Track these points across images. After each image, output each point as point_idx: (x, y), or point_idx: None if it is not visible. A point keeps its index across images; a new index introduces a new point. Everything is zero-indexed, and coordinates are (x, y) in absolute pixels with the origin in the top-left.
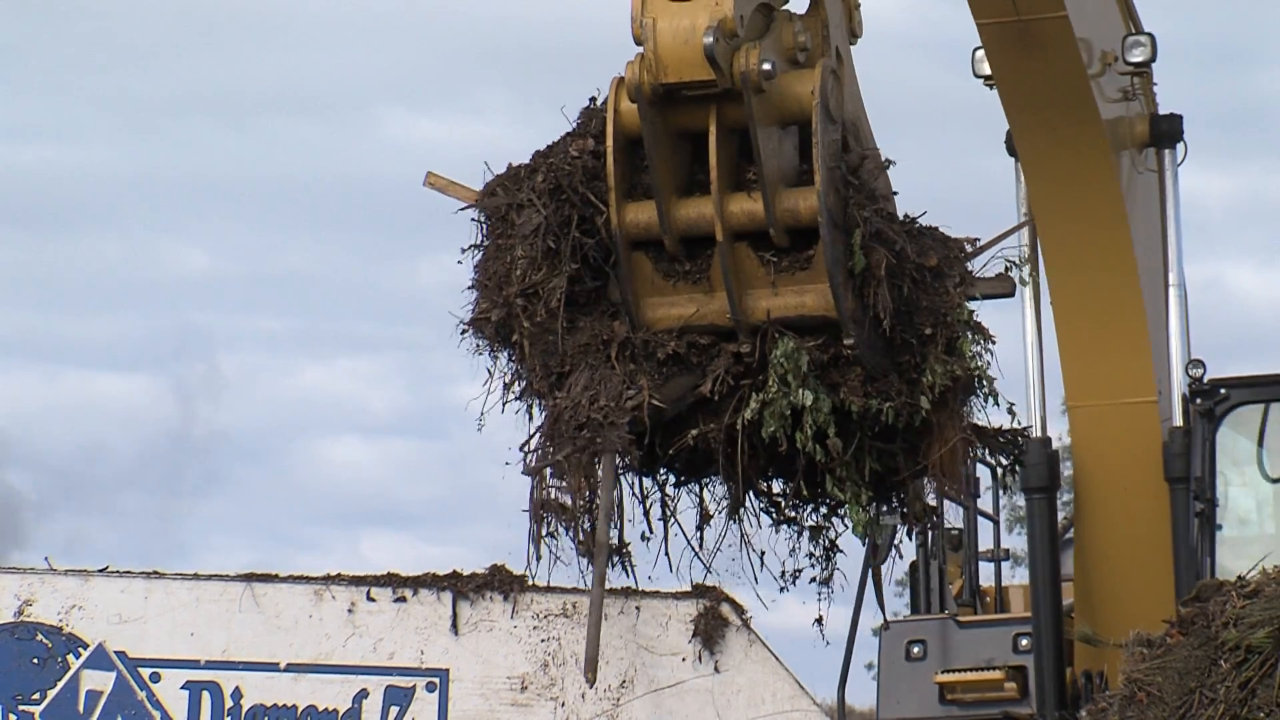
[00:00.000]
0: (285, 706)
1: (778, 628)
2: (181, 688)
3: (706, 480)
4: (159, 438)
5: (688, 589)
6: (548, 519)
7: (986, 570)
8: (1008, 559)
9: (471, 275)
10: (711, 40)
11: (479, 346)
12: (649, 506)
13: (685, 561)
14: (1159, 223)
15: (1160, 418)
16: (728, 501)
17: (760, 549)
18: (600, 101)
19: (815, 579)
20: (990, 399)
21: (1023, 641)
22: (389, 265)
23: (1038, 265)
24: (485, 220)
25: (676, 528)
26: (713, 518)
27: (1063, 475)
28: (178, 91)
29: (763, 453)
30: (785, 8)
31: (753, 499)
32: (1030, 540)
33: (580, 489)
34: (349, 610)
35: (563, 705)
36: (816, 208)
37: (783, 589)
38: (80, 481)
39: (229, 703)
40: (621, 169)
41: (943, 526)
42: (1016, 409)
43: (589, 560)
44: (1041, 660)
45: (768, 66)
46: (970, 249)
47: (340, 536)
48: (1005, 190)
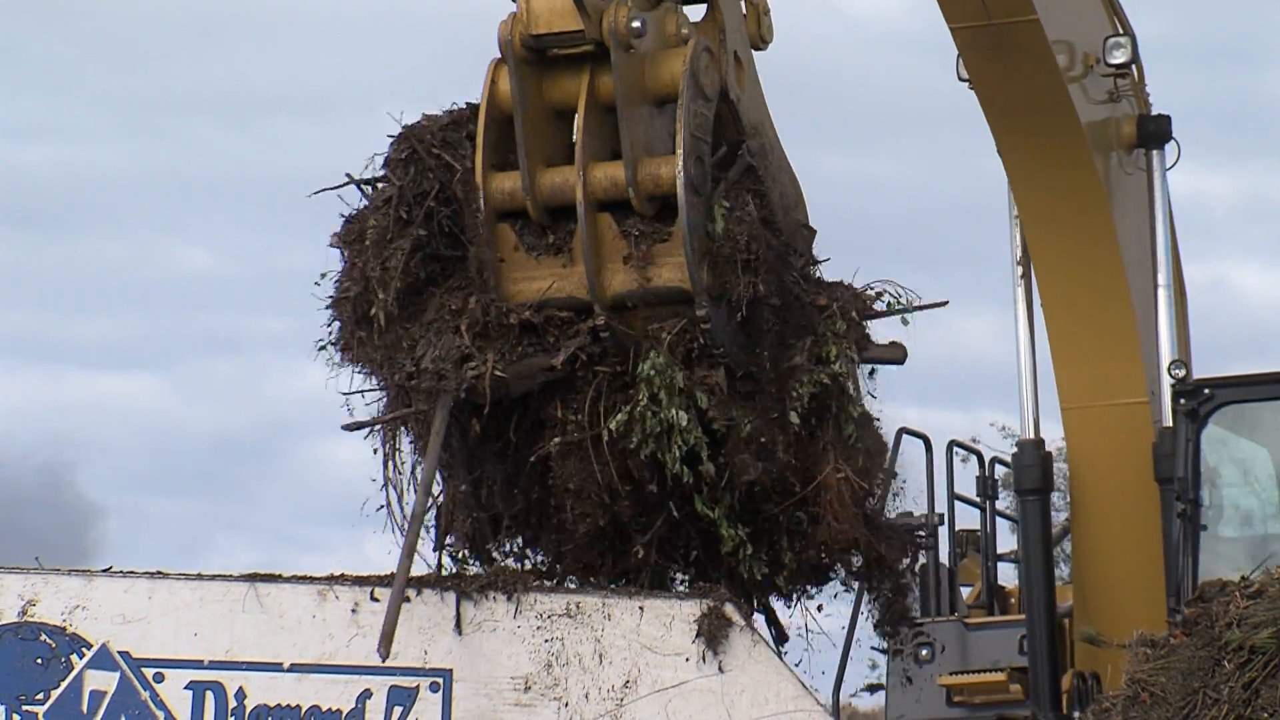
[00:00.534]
0: (289, 707)
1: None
2: (185, 688)
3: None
4: (160, 437)
5: (691, 589)
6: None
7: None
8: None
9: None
10: None
11: (336, 333)
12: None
13: None
14: (1149, 223)
15: (1153, 419)
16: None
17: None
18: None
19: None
20: (850, 423)
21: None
22: None
23: (1029, 267)
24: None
25: None
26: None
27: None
28: (180, 91)
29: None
30: (680, 7)
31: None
32: (1024, 542)
33: (392, 454)
34: (352, 610)
35: (566, 705)
36: (677, 174)
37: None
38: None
39: (232, 703)
40: (493, 140)
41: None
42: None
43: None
44: (1036, 661)
45: (637, 24)
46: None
47: (343, 537)
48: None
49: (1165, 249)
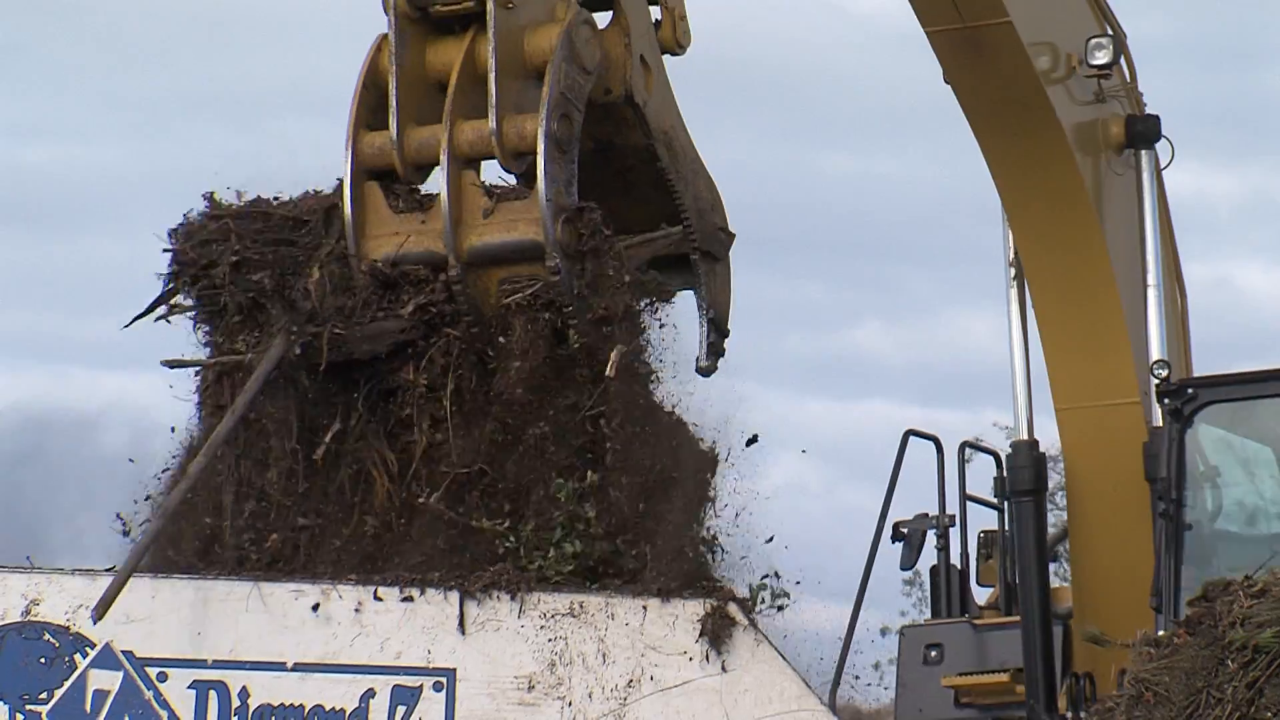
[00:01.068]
0: (292, 706)
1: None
2: (188, 687)
3: None
4: (164, 437)
5: (695, 589)
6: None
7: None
8: (1055, 560)
9: None
10: None
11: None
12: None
13: None
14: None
15: (1146, 419)
16: None
17: None
18: None
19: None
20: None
21: None
22: None
23: (1020, 267)
24: None
25: None
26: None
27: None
28: (187, 91)
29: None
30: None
31: None
32: (1019, 543)
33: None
34: (356, 610)
35: (570, 705)
36: (540, 126)
37: None
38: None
39: (236, 702)
40: (370, 103)
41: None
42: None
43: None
44: (1032, 662)
45: None
46: None
47: None
48: None
49: (1155, 249)
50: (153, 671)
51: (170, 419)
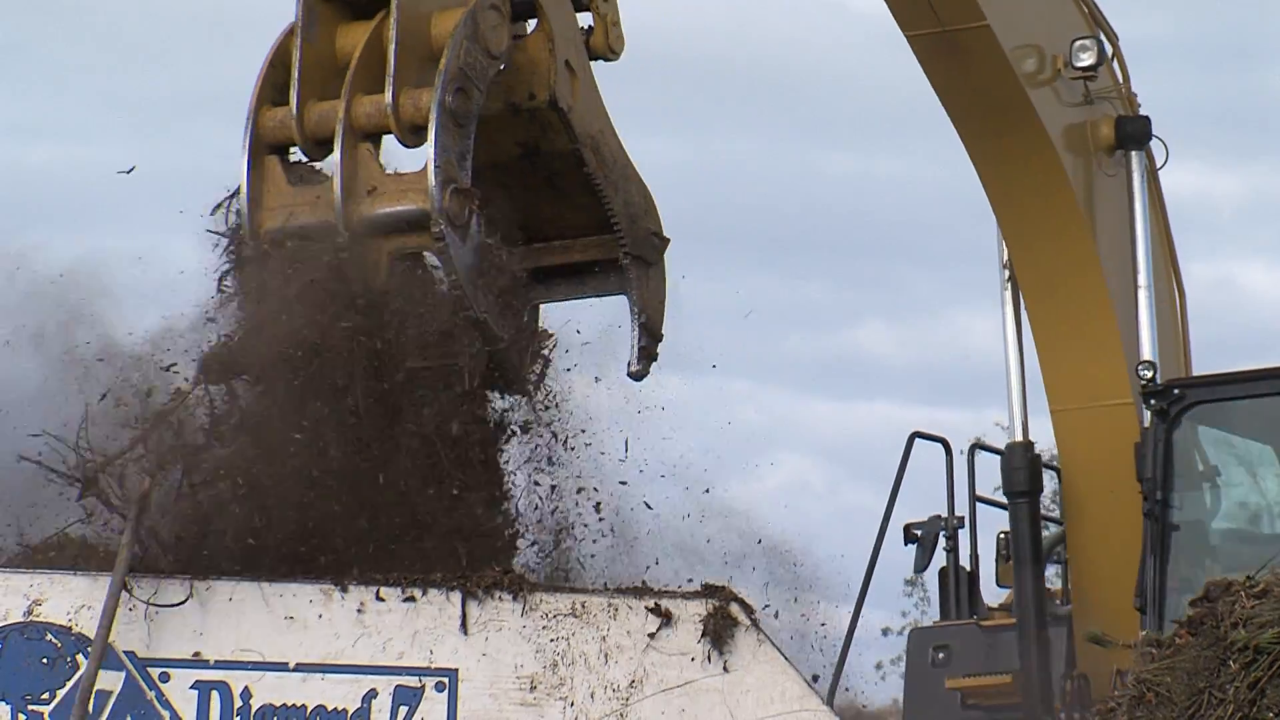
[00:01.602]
0: (294, 706)
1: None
2: (191, 688)
3: None
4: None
5: (697, 589)
6: None
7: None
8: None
9: None
10: None
11: None
12: None
13: None
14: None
15: (1139, 420)
16: None
17: None
18: None
19: None
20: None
21: None
22: None
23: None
24: None
25: None
26: None
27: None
28: (187, 91)
29: None
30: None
31: None
32: (1014, 544)
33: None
34: (358, 610)
35: (572, 705)
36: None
37: None
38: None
39: (238, 703)
40: (276, 80)
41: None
42: None
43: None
44: (1027, 663)
45: None
46: None
47: None
48: None
49: (1146, 250)
50: (155, 672)
51: None
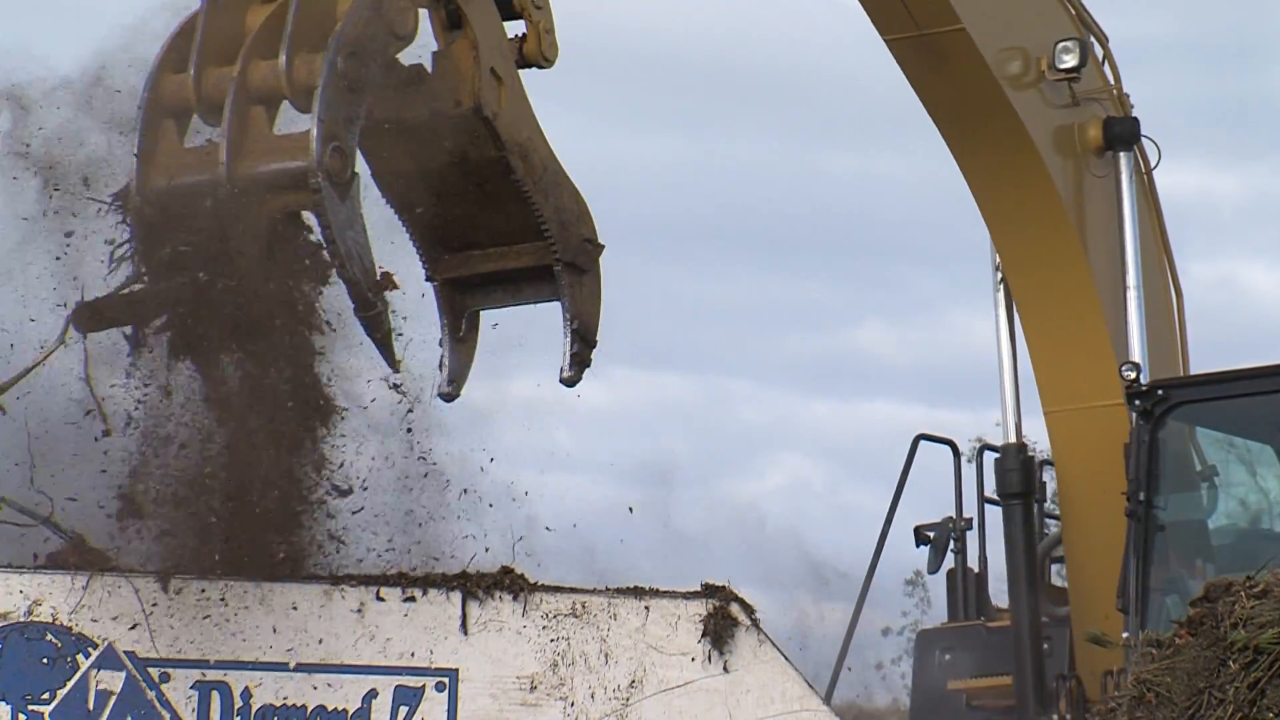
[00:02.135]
0: (294, 707)
1: (785, 627)
2: (191, 688)
3: None
4: None
5: (697, 589)
6: None
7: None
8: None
9: None
10: None
11: None
12: None
13: None
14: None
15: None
16: None
17: None
18: None
19: None
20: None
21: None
22: (405, 261)
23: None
24: None
25: None
26: None
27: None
28: None
29: None
30: None
31: None
32: (1008, 546)
33: None
34: (358, 610)
35: (572, 705)
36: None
37: None
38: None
39: (238, 703)
40: (179, 48)
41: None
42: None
43: None
44: (1021, 664)
45: None
46: None
47: None
48: None
49: (1134, 251)
50: (155, 672)
51: None
